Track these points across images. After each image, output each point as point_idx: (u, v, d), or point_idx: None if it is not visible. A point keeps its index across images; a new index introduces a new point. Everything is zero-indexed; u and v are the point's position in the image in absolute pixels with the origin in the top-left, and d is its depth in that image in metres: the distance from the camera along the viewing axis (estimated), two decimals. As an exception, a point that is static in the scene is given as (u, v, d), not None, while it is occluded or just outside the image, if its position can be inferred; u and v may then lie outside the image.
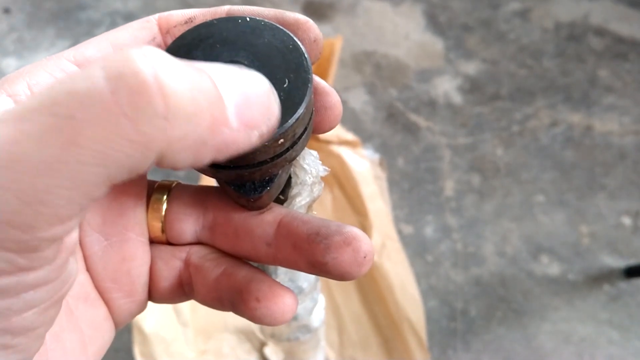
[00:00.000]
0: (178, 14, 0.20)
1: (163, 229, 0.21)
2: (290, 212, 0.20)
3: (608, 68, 1.35)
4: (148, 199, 0.21)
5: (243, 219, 0.20)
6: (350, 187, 0.89)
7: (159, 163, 0.13)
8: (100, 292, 0.20)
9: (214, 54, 0.18)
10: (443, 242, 1.04)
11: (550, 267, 1.01)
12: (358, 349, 0.79)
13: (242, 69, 0.15)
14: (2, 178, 0.12)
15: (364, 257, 0.18)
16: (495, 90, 1.31)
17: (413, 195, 1.11)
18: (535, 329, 0.94)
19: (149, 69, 0.12)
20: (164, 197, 0.21)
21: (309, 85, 0.18)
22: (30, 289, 0.14)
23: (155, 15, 0.20)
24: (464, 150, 1.19)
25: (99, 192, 0.13)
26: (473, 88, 1.31)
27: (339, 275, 0.18)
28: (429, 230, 1.06)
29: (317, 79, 0.19)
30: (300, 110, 0.17)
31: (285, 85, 0.18)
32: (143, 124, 0.12)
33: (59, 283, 0.16)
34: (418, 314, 0.78)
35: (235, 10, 0.20)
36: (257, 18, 0.19)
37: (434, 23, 1.47)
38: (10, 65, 1.34)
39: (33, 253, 0.13)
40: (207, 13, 0.20)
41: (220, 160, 0.15)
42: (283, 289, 0.19)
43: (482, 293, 0.98)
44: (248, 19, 0.19)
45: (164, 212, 0.21)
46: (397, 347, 0.78)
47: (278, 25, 0.19)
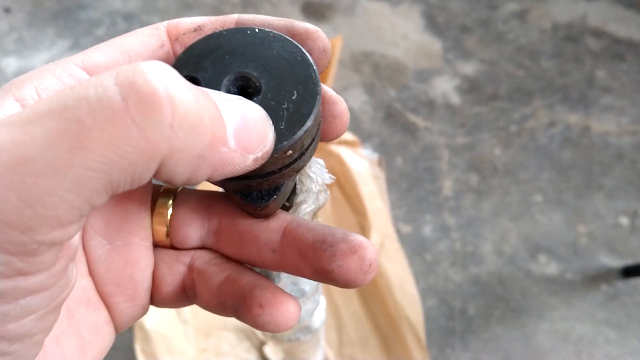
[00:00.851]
0: (187, 22, 0.20)
1: (168, 234, 0.21)
2: (296, 219, 0.20)
3: (605, 69, 1.36)
4: (153, 204, 0.21)
5: (248, 225, 0.20)
6: (349, 186, 0.89)
7: (158, 174, 0.14)
8: (102, 296, 0.20)
9: (223, 65, 0.18)
10: (441, 241, 1.04)
11: (548, 266, 1.02)
12: (357, 348, 0.79)
13: (240, 99, 0.16)
14: (5, 178, 0.12)
15: (369, 265, 0.18)
16: (494, 91, 1.31)
17: (412, 195, 1.11)
18: (534, 328, 0.94)
19: (160, 80, 0.13)
20: (170, 201, 0.21)
21: (317, 98, 0.18)
22: (28, 295, 0.14)
23: (165, 23, 0.20)
24: (462, 150, 1.19)
25: (99, 199, 0.13)
26: (471, 88, 1.32)
27: (344, 283, 0.18)
28: (428, 230, 1.06)
29: (324, 87, 0.19)
30: (309, 123, 0.17)
31: (294, 97, 0.18)
32: (150, 131, 0.13)
33: (58, 289, 0.15)
34: (417, 313, 0.78)
35: (245, 19, 0.20)
36: (266, 29, 0.19)
37: (433, 23, 1.47)
38: (11, 65, 1.34)
39: (31, 257, 0.13)
40: (216, 21, 0.20)
41: (215, 180, 0.15)
42: (286, 296, 0.19)
43: (480, 292, 0.98)
44: (257, 30, 0.19)
45: (170, 216, 0.21)
46: (395, 346, 0.78)
47: (287, 37, 0.19)
